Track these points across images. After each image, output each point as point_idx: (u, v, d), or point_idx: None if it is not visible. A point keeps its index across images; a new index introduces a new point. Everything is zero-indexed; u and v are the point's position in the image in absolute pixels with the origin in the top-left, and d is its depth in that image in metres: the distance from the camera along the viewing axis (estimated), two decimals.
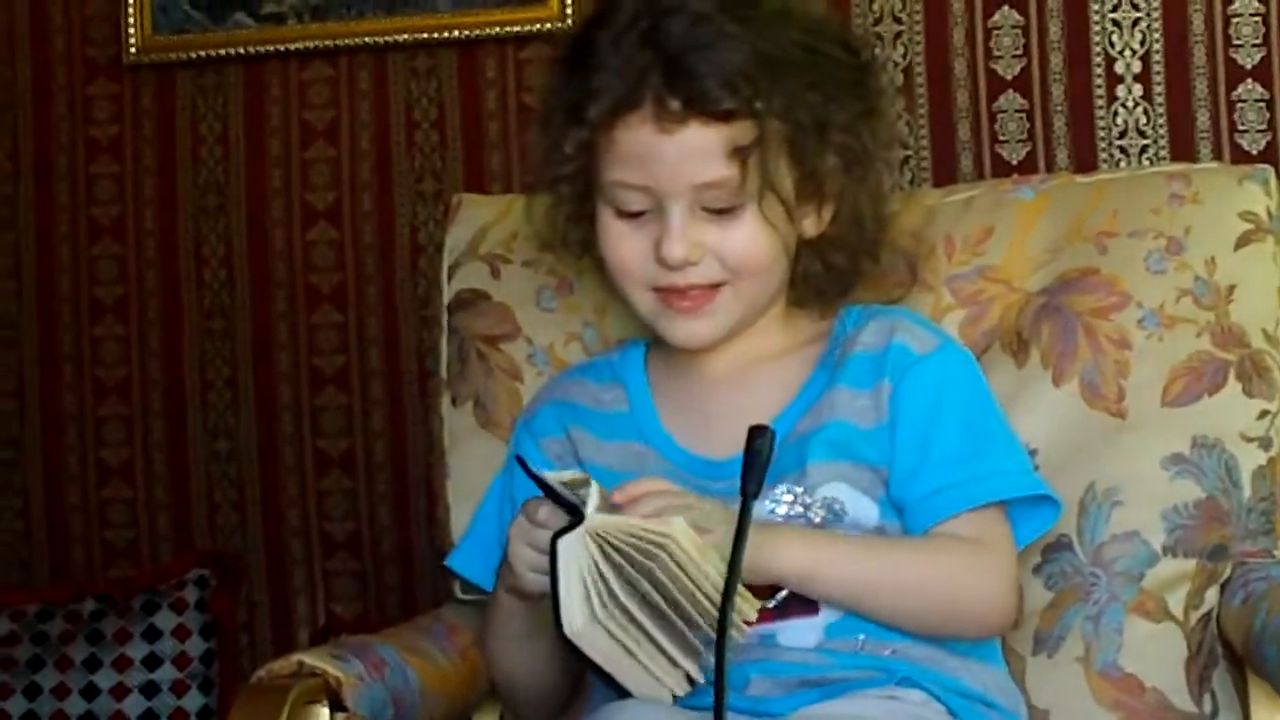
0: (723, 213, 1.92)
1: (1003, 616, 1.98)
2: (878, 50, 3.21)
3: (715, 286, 1.95)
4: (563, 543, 1.75)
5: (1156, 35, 3.29)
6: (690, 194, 1.91)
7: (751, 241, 1.93)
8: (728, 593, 1.73)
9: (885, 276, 2.11)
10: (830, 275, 2.03)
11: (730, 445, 1.88)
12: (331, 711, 1.85)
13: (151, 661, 3.24)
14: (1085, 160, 3.27)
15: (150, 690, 3.23)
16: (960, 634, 1.96)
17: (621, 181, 1.92)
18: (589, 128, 1.92)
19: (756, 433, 1.79)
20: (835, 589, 1.88)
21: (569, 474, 1.86)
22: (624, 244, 1.95)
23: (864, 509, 1.94)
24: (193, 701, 3.23)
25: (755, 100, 1.89)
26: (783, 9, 1.97)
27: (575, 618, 1.74)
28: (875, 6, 3.33)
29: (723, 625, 1.72)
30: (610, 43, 1.92)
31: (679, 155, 1.89)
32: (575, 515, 1.76)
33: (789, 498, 1.93)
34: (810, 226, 1.98)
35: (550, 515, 1.81)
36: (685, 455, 2.00)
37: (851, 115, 1.97)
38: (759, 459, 1.78)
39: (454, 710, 2.10)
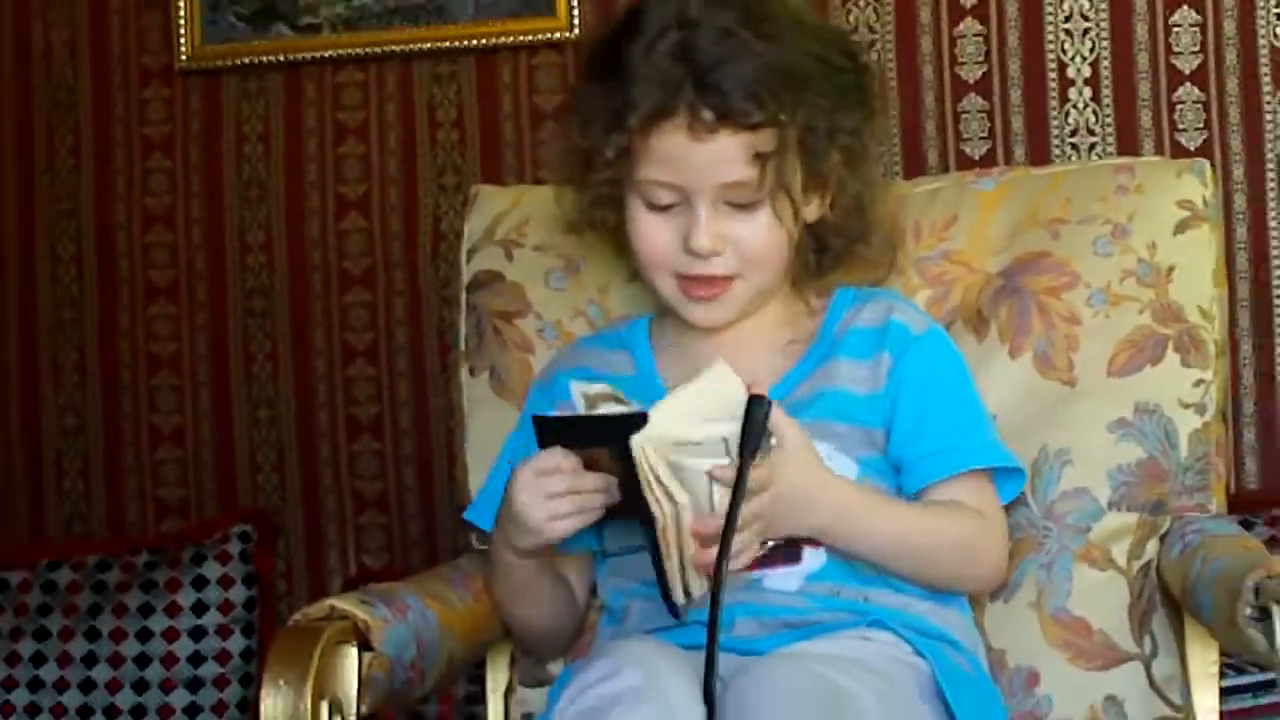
0: (743, 207, 1.92)
1: (999, 576, 2.02)
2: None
3: (730, 278, 1.95)
4: (635, 440, 1.73)
5: (1104, 43, 3.29)
6: (715, 192, 1.91)
7: (767, 233, 1.93)
8: (725, 539, 1.74)
9: (869, 259, 2.09)
10: (827, 256, 2.03)
11: None
12: (360, 651, 1.85)
13: (199, 608, 3.24)
14: (1040, 155, 3.27)
15: (198, 634, 3.24)
16: (964, 591, 2.00)
17: (654, 180, 1.92)
18: (628, 134, 1.91)
19: (755, 400, 1.78)
20: (866, 551, 1.90)
21: (595, 388, 1.84)
22: (654, 233, 1.95)
23: (844, 466, 1.94)
24: (235, 644, 3.24)
25: (779, 113, 1.88)
26: (796, 20, 1.95)
27: (679, 497, 1.75)
28: (851, 17, 3.33)
29: (719, 571, 1.73)
30: (642, 54, 1.89)
31: (708, 159, 1.89)
32: (624, 425, 1.75)
33: None
34: (812, 212, 1.98)
35: (562, 459, 1.80)
36: None
37: (856, 119, 1.97)
38: (757, 425, 1.77)
39: (471, 648, 2.10)
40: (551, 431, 1.82)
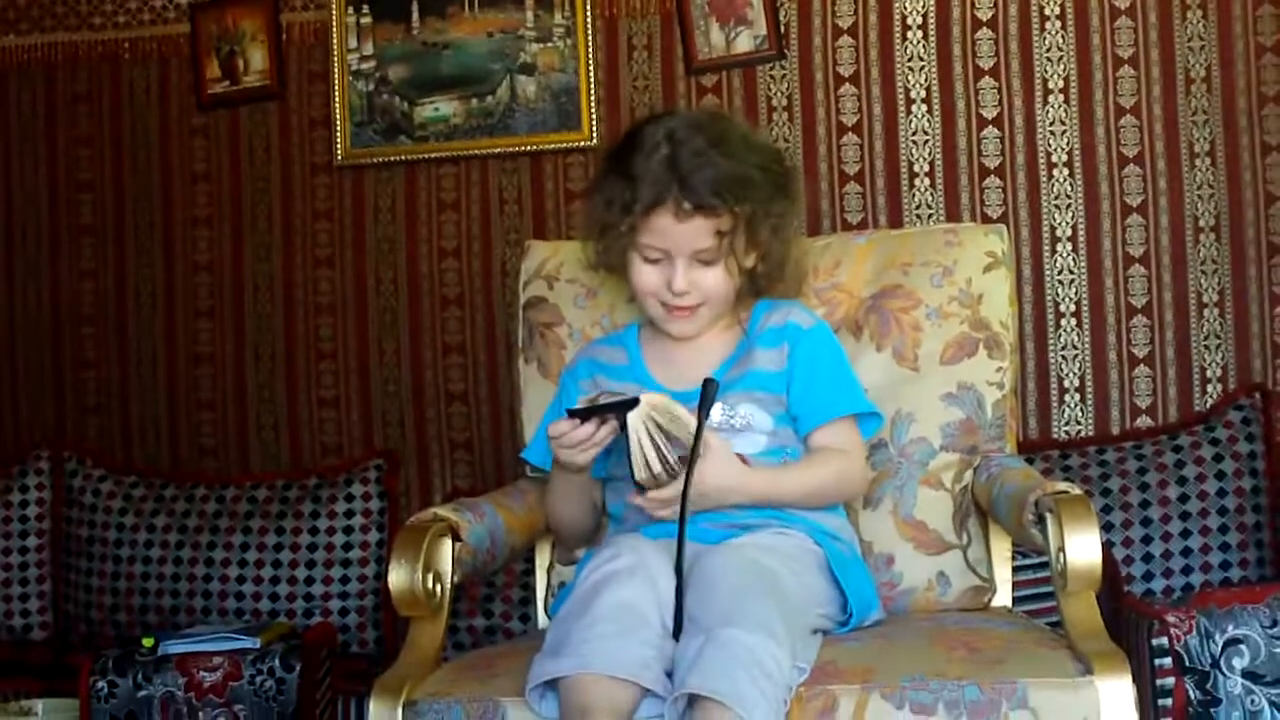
0: (706, 263, 1.91)
1: (863, 491, 2.02)
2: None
3: (696, 307, 1.94)
4: (630, 417, 1.76)
5: (938, 150, 3.29)
6: (689, 254, 1.90)
7: (721, 280, 1.93)
8: (688, 480, 1.75)
9: (784, 287, 2.07)
10: (755, 287, 2.02)
11: (688, 383, 1.88)
12: (453, 542, 1.86)
13: (349, 513, 3.24)
14: (895, 221, 3.28)
15: (348, 530, 3.23)
16: (840, 504, 1.99)
17: (650, 245, 1.91)
18: (633, 216, 1.90)
19: (708, 381, 1.80)
20: (779, 505, 1.90)
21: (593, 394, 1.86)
22: (648, 278, 1.94)
23: (763, 419, 1.94)
24: (373, 537, 3.23)
25: (733, 206, 1.88)
26: (745, 140, 1.94)
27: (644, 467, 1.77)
28: (774, 131, 3.33)
29: (685, 496, 1.72)
30: (643, 162, 1.89)
31: (686, 234, 1.89)
32: (624, 406, 1.76)
33: (721, 412, 1.93)
34: (749, 262, 1.97)
35: (569, 426, 1.80)
36: (660, 389, 1.97)
37: (783, 206, 1.96)
38: (709, 397, 1.79)
39: (525, 540, 2.09)
40: (577, 415, 1.81)
